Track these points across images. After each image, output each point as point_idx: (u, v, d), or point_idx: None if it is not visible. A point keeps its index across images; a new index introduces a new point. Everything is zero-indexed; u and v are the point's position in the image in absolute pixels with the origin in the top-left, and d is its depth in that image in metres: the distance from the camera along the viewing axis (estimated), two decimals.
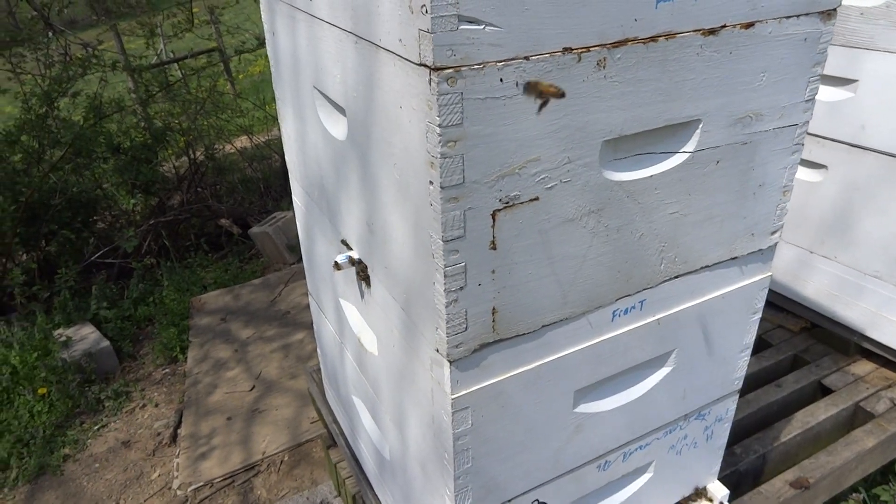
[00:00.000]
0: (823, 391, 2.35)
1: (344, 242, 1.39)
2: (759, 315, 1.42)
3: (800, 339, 2.51)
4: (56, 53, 4.64)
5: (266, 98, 6.43)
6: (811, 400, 2.31)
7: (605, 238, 1.09)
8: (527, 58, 0.87)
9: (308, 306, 4.19)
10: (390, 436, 1.47)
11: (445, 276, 0.95)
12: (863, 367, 2.37)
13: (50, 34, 4.83)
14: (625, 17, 0.92)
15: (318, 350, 2.01)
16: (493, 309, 1.03)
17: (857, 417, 2.23)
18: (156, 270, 4.66)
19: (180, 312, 4.25)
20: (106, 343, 3.84)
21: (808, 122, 1.22)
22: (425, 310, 1.06)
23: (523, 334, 1.09)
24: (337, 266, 1.31)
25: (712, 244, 1.24)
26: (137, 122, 4.64)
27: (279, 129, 5.54)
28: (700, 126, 1.09)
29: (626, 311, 1.20)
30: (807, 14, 1.09)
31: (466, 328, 1.02)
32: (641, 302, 1.21)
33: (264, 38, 5.27)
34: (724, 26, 1.02)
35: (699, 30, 1.00)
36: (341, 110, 1.22)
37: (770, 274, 1.37)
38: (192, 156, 4.86)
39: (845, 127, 2.12)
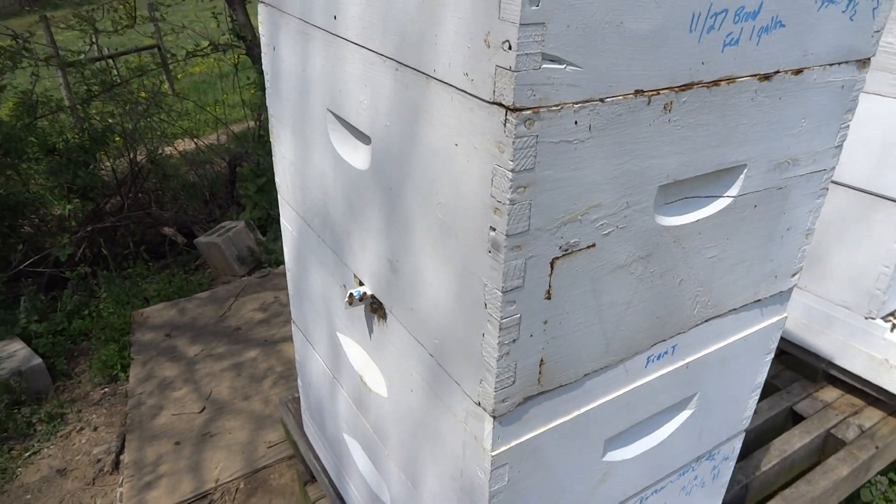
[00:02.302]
0: (794, 417, 2.40)
1: (355, 277, 1.29)
2: (773, 355, 1.41)
3: (770, 366, 2.55)
4: None
5: (210, 100, 6.17)
6: (783, 425, 2.36)
7: (650, 284, 1.04)
8: (602, 100, 0.81)
9: (262, 322, 4.02)
10: (394, 481, 1.38)
11: (501, 329, 0.88)
12: (830, 394, 2.44)
13: None
14: (694, 61, 0.88)
15: (299, 381, 1.89)
16: (542, 360, 0.97)
17: (827, 444, 2.28)
18: (91, 280, 4.37)
19: (120, 327, 3.98)
20: (37, 360, 3.56)
21: (835, 167, 1.21)
22: (465, 360, 0.98)
23: (565, 385, 1.03)
24: (350, 300, 1.22)
25: (741, 287, 1.21)
26: (74, 123, 4.33)
27: (227, 134, 5.25)
28: (745, 171, 1.06)
29: (659, 357, 1.16)
30: (847, 62, 1.09)
31: (514, 382, 0.95)
32: (674, 347, 1.18)
33: (216, 41, 5.01)
34: (778, 72, 0.99)
35: (756, 74, 0.97)
36: (364, 138, 1.13)
37: (786, 315, 1.37)
38: (133, 158, 4.58)
39: None
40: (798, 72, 1.02)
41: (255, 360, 3.72)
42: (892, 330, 2.24)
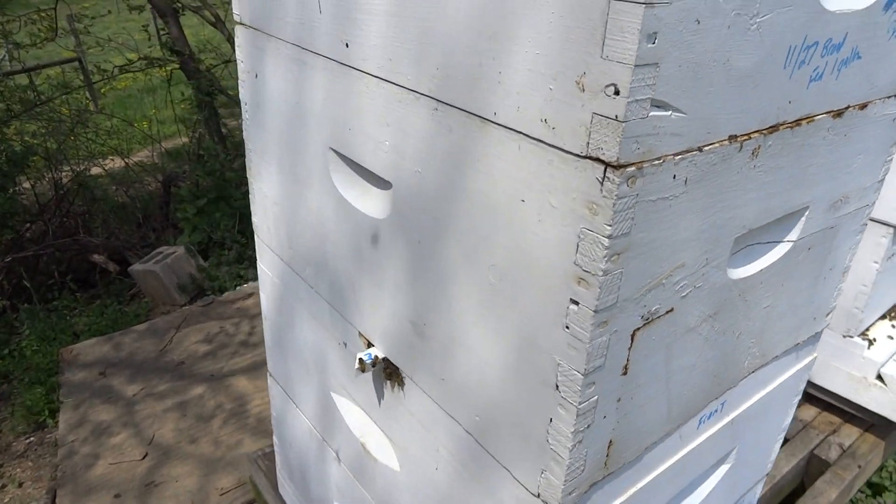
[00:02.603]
0: None
1: (360, 336, 1.13)
2: (800, 396, 1.34)
3: None
4: None
5: (138, 116, 5.77)
6: None
7: (714, 343, 0.94)
8: (700, 149, 0.70)
9: (207, 355, 3.74)
10: None
11: (578, 415, 0.75)
12: (808, 412, 2.43)
13: None
14: (783, 99, 0.78)
15: (275, 438, 1.69)
16: (611, 442, 0.84)
17: (811, 465, 2.26)
18: (10, 315, 3.96)
19: (46, 367, 3.62)
20: None
21: (876, 201, 1.15)
22: (518, 444, 0.84)
23: (628, 462, 0.91)
24: (362, 367, 1.05)
25: (786, 333, 1.13)
26: None
27: (159, 152, 4.88)
28: (807, 212, 0.97)
29: (710, 416, 1.06)
30: None
31: (584, 471, 0.81)
32: (723, 404, 1.07)
33: (145, 55, 4.67)
34: (848, 107, 0.91)
35: (830, 111, 0.88)
36: (381, 183, 0.97)
37: (816, 354, 1.30)
38: (57, 180, 4.20)
39: None
40: (864, 106, 0.94)
41: (202, 397, 3.44)
42: (869, 347, 2.25)
